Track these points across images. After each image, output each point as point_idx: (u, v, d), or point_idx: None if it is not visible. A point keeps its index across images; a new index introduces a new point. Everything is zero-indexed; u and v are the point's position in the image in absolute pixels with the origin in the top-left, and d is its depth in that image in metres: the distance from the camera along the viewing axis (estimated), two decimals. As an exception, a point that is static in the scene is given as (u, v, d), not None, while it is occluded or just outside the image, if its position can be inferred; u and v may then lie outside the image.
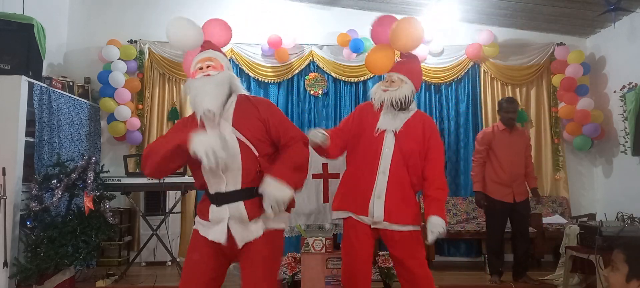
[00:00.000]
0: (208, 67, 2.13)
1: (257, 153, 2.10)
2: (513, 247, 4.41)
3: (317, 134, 2.46)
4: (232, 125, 2.10)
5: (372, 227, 2.63)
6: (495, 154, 4.26)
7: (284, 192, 2.02)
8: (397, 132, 2.65)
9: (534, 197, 4.38)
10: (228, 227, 2.08)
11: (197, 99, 2.06)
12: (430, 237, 2.51)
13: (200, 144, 1.92)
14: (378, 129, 2.66)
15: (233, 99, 2.17)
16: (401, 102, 2.65)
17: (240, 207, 2.07)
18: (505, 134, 4.30)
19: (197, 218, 2.21)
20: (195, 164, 2.08)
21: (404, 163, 2.63)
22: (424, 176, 2.65)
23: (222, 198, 2.08)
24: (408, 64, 2.82)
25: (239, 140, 2.08)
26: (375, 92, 2.74)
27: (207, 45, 2.31)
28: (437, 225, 2.51)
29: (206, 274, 2.11)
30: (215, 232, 2.09)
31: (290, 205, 2.24)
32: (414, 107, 2.78)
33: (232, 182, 2.07)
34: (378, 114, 2.71)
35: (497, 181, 4.23)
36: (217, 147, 1.93)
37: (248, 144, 2.09)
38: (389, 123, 2.67)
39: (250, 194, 2.08)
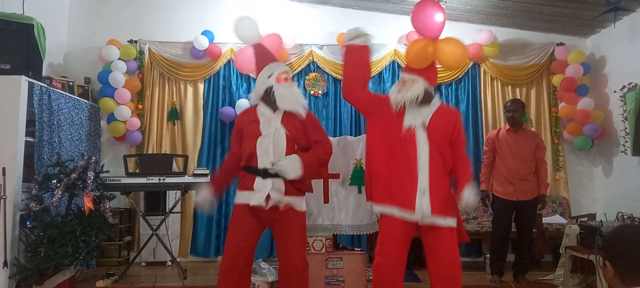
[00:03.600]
0: (285, 80, 2.88)
1: (296, 146, 2.81)
2: (514, 247, 4.44)
3: (360, 33, 2.81)
4: (281, 122, 2.81)
5: (419, 222, 2.63)
6: (499, 154, 4.37)
7: (295, 169, 2.70)
8: (427, 124, 2.69)
9: (539, 203, 4.33)
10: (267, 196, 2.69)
11: (282, 101, 2.82)
12: (467, 208, 2.72)
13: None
14: (407, 126, 2.69)
15: None
16: (415, 100, 2.70)
17: (280, 182, 2.70)
18: (510, 134, 4.36)
19: (239, 191, 2.81)
20: (251, 140, 2.77)
21: (439, 155, 2.68)
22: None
23: (267, 173, 2.70)
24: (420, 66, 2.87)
25: (286, 134, 2.78)
26: (391, 94, 2.80)
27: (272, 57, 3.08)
28: (470, 197, 2.62)
29: (245, 229, 2.76)
30: (257, 198, 2.69)
31: (307, 189, 2.90)
32: (436, 100, 2.81)
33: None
34: (402, 111, 2.74)
35: (500, 180, 4.32)
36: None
37: (291, 137, 2.78)
38: (416, 118, 2.71)
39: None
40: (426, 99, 2.73)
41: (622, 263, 1.47)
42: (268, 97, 2.85)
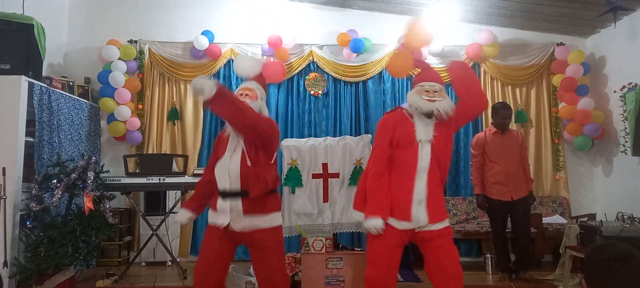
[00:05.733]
0: (246, 95, 2.78)
1: (249, 163, 2.69)
2: (513, 245, 4.47)
3: (379, 229, 2.62)
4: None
5: (416, 230, 2.67)
6: (489, 157, 4.42)
7: (204, 85, 2.44)
8: (432, 139, 2.71)
9: (530, 199, 4.43)
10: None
11: None
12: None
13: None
14: (419, 140, 2.70)
15: None
16: (447, 115, 2.70)
17: (237, 203, 2.68)
18: (498, 137, 4.43)
19: (210, 210, 2.81)
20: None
21: (438, 164, 2.72)
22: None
23: (226, 194, 2.70)
24: (438, 75, 2.91)
25: (242, 149, 2.71)
26: (419, 103, 2.71)
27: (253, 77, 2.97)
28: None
29: (216, 248, 2.74)
30: (221, 219, 2.70)
31: (272, 207, 2.79)
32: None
33: (235, 184, 2.69)
34: (411, 123, 2.74)
35: (494, 182, 4.37)
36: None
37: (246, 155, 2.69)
38: (427, 133, 2.72)
39: (246, 194, 2.67)
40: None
41: (594, 284, 1.46)
42: None
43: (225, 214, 2.69)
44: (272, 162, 2.81)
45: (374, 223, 2.61)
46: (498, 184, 4.33)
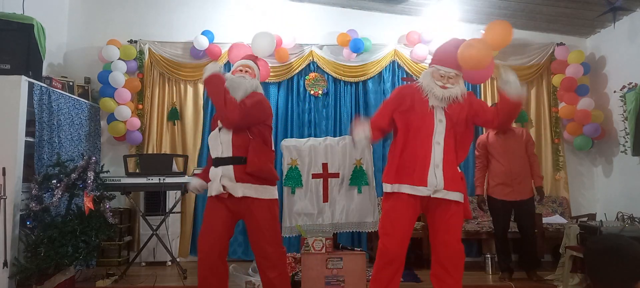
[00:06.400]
0: (246, 72, 2.98)
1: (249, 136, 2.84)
2: (518, 245, 4.48)
3: (362, 137, 2.67)
4: None
5: (431, 195, 2.65)
6: (493, 157, 4.43)
7: (208, 67, 2.82)
8: (446, 107, 2.72)
9: (538, 195, 4.44)
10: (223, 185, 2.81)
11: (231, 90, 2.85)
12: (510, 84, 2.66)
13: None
14: (431, 105, 2.71)
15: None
16: (461, 99, 2.71)
17: (229, 169, 2.81)
18: (500, 137, 4.43)
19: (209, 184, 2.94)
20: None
21: (454, 134, 2.72)
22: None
23: (219, 162, 2.86)
24: (458, 57, 2.80)
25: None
26: (432, 89, 2.70)
27: (250, 56, 3.20)
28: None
29: (217, 218, 2.85)
30: (215, 187, 2.83)
31: (266, 176, 2.89)
32: None
33: (227, 151, 2.83)
34: (424, 98, 2.74)
35: (497, 182, 4.38)
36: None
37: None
38: (440, 102, 2.72)
39: (240, 161, 2.81)
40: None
41: (593, 277, 1.48)
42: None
43: (216, 182, 2.81)
44: (271, 148, 2.99)
45: (360, 134, 2.67)
46: (501, 185, 4.34)
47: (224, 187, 2.81)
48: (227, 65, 5.68)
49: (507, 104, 2.67)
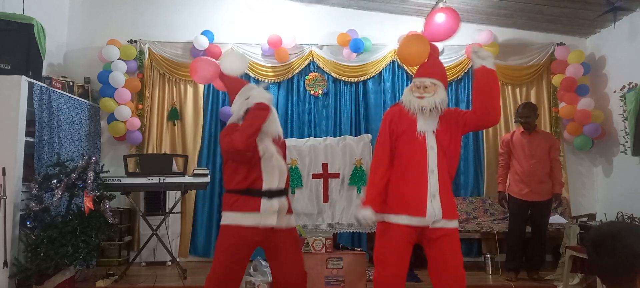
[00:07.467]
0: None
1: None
2: (527, 245, 4.50)
3: (369, 221, 2.61)
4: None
5: (430, 226, 2.60)
6: (514, 156, 4.48)
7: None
8: (436, 130, 2.68)
9: (555, 201, 4.45)
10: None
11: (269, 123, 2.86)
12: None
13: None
14: (419, 132, 2.66)
15: None
16: (440, 107, 2.66)
17: (284, 202, 2.81)
18: (524, 137, 4.44)
19: (235, 213, 2.70)
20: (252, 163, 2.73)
21: (446, 159, 2.69)
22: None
23: (273, 194, 2.74)
24: (437, 67, 2.81)
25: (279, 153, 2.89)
26: (410, 101, 2.69)
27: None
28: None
29: (239, 255, 2.74)
30: (266, 219, 2.69)
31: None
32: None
33: (281, 182, 2.80)
34: (411, 118, 2.70)
35: (516, 180, 4.42)
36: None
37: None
38: (428, 125, 2.68)
39: (287, 193, 2.89)
40: (443, 108, 2.70)
41: (600, 267, 1.46)
42: None
43: (272, 214, 2.71)
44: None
45: (364, 214, 2.59)
46: (519, 182, 4.37)
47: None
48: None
49: (482, 75, 2.67)
